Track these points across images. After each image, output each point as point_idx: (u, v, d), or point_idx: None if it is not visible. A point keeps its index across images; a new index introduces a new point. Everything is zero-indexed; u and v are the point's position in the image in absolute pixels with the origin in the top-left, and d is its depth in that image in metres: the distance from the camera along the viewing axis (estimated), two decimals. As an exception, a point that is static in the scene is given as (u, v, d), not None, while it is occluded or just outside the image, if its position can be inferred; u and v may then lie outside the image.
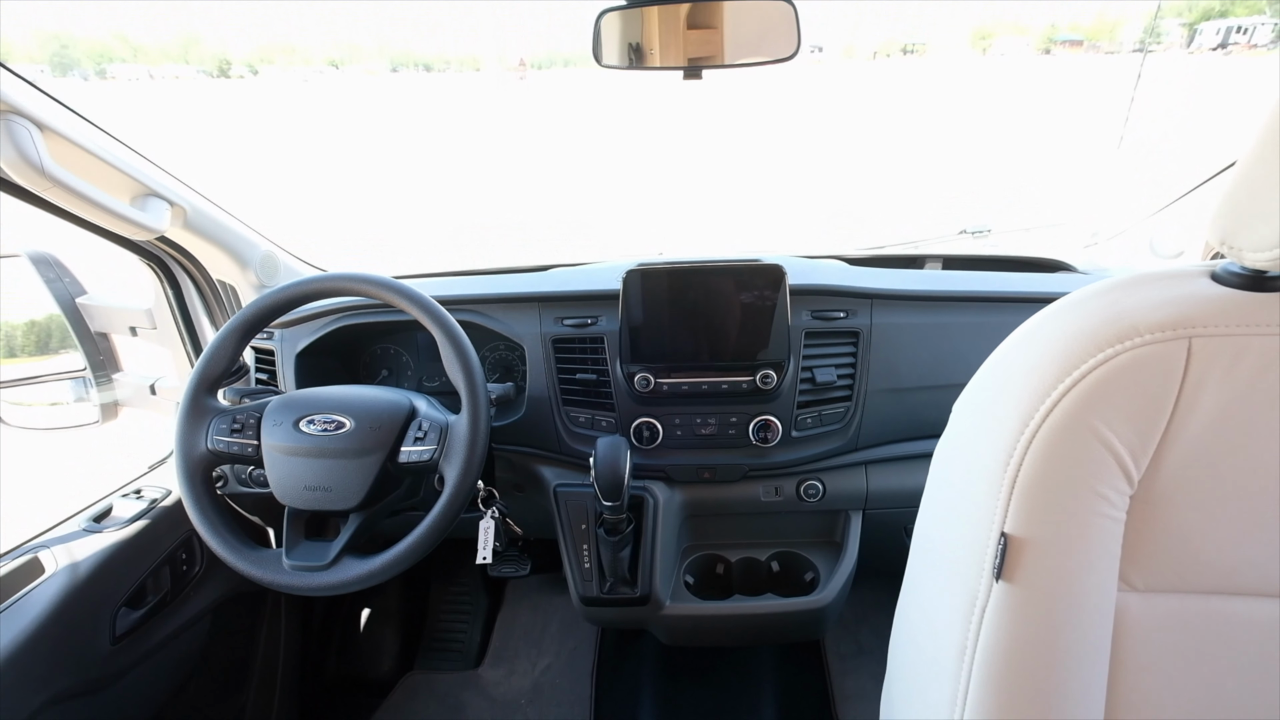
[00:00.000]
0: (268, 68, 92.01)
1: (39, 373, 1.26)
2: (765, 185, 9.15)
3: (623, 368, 1.02)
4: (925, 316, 1.04)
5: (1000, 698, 0.51)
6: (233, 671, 1.29)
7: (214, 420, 0.87)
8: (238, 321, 0.89)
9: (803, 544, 1.12)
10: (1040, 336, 0.51)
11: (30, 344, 1.28)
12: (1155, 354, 0.45)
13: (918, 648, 0.62)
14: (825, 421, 1.03)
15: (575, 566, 1.04)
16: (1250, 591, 0.51)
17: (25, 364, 1.25)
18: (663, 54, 0.85)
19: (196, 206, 1.11)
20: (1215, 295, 0.46)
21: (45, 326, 1.28)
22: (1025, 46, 73.84)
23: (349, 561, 0.82)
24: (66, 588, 0.94)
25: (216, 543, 0.84)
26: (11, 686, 0.84)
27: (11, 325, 1.27)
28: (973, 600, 0.52)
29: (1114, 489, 0.48)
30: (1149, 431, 0.46)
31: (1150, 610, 0.51)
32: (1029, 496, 0.48)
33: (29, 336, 1.29)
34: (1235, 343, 0.45)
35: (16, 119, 0.81)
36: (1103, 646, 0.51)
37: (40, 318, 1.28)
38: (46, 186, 0.85)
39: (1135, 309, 0.47)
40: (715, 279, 0.98)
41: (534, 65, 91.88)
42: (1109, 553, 0.50)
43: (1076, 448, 0.47)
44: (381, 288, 0.87)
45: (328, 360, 1.20)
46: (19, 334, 1.27)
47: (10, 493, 2.26)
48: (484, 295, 1.10)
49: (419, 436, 0.86)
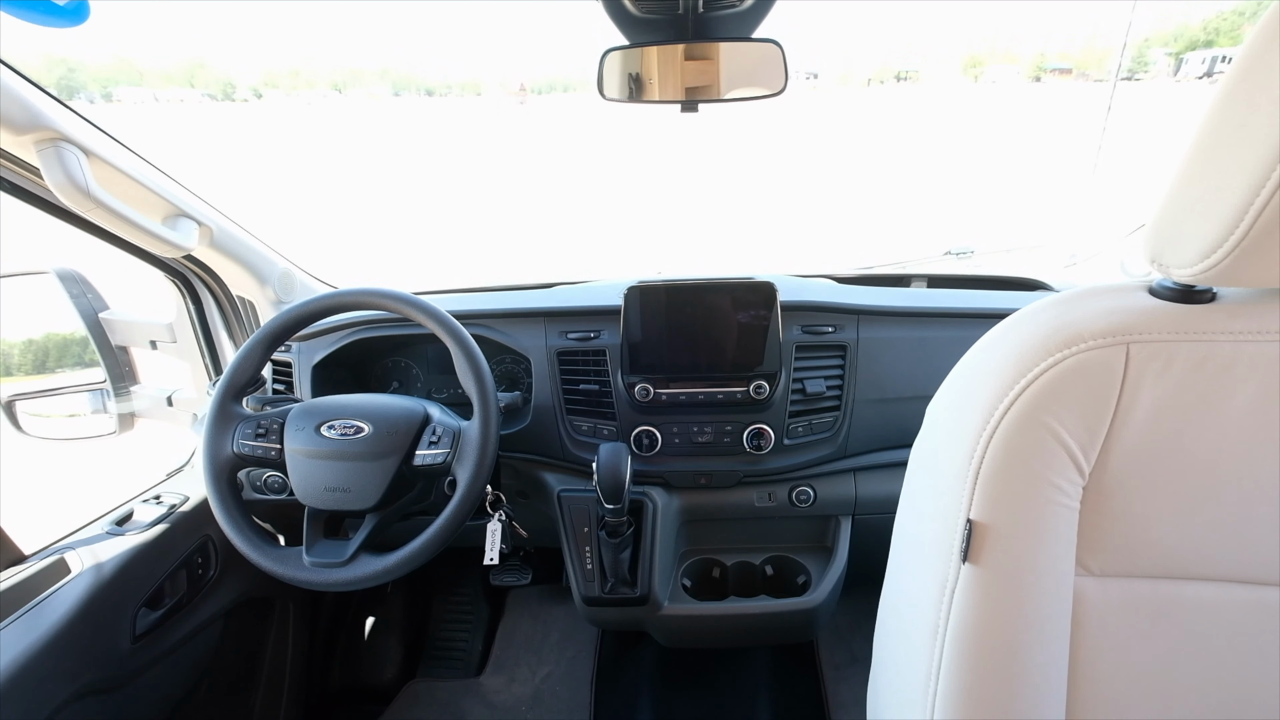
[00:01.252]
0: (272, 91, 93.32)
1: (59, 385, 1.31)
2: (761, 208, 9.31)
3: (623, 379, 1.08)
4: (909, 331, 1.10)
5: (970, 672, 0.56)
6: (241, 676, 1.33)
7: (239, 425, 0.93)
8: (265, 332, 0.95)
9: (795, 549, 1.17)
10: (1000, 344, 0.57)
11: (27, 363, 1.32)
12: (1098, 358, 0.51)
13: (898, 631, 0.67)
14: (815, 430, 1.09)
15: (578, 567, 1.09)
16: (1197, 576, 0.56)
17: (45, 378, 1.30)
18: (661, 89, 0.92)
19: (221, 226, 1.18)
20: (1150, 307, 0.52)
21: (43, 346, 1.33)
22: (1016, 74, 75.35)
23: (366, 558, 0.87)
24: (91, 587, 0.98)
25: (240, 541, 0.89)
26: (41, 680, 0.88)
27: (31, 342, 1.32)
28: (944, 582, 0.57)
29: (1066, 479, 0.53)
30: (1095, 426, 0.52)
31: (1106, 593, 0.56)
32: (991, 485, 0.54)
33: (25, 355, 1.33)
34: (1167, 348, 0.50)
35: (66, 145, 0.88)
36: (1063, 625, 0.56)
37: (38, 336, 1.33)
38: (90, 208, 0.91)
39: (1081, 319, 0.53)
40: (711, 295, 1.05)
41: (534, 90, 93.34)
42: (1065, 538, 0.55)
43: (1031, 441, 0.52)
44: (401, 302, 0.93)
45: (342, 372, 1.25)
46: (15, 352, 1.32)
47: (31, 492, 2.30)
48: (493, 310, 1.16)
49: (433, 440, 0.91)
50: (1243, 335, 0.49)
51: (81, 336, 1.31)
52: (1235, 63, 0.45)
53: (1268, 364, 0.49)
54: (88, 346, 1.32)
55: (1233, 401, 0.50)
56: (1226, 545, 0.54)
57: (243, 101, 75.33)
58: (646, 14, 0.88)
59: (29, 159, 0.89)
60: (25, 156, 0.88)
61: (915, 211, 8.44)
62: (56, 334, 1.34)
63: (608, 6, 0.87)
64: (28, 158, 0.88)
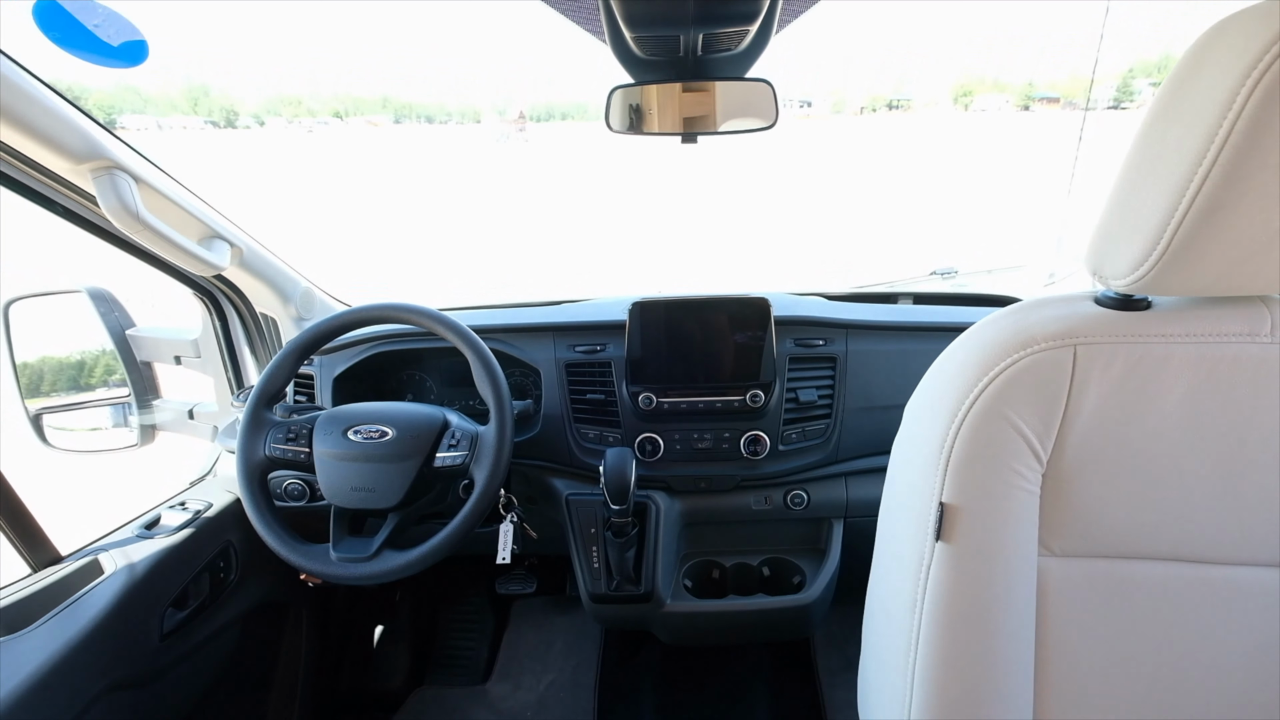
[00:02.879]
0: (274, 119, 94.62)
1: (84, 399, 1.37)
2: (758, 232, 9.51)
3: (628, 388, 1.15)
4: (894, 344, 1.18)
5: (945, 641, 0.62)
6: (257, 678, 1.37)
7: (271, 431, 0.99)
8: (297, 344, 1.02)
9: (791, 551, 1.23)
10: (965, 348, 0.65)
11: (63, 380, 1.38)
12: (1049, 358, 0.58)
13: (882, 609, 0.73)
14: (808, 436, 1.16)
15: (585, 567, 1.14)
16: (1147, 556, 0.62)
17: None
18: (662, 122, 1.01)
19: (250, 246, 1.26)
20: (1095, 313, 0.60)
21: (79, 362, 1.39)
22: (1005, 103, 76.98)
23: (389, 554, 0.93)
24: (123, 587, 1.04)
25: (271, 538, 0.95)
26: (78, 672, 0.93)
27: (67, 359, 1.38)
28: (920, 560, 0.64)
29: (1026, 465, 0.60)
30: (1050, 418, 0.59)
31: (1067, 572, 0.63)
32: (959, 472, 0.61)
33: (61, 372, 1.39)
34: (1109, 349, 0.58)
35: (119, 173, 0.96)
36: (1028, 598, 0.63)
37: (73, 353, 1.39)
38: (139, 230, 0.99)
39: (1034, 325, 0.60)
40: (709, 311, 1.13)
41: (533, 118, 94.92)
42: (1027, 520, 0.61)
43: (994, 432, 0.59)
44: (425, 317, 1.00)
45: (360, 385, 1.32)
46: (51, 369, 1.37)
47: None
48: (506, 325, 1.24)
49: (452, 444, 0.98)
50: (1174, 338, 0.57)
51: (109, 352, 1.37)
52: (1153, 102, 0.53)
53: (1196, 363, 0.56)
54: (115, 362, 1.38)
55: (1168, 396, 0.57)
56: (1170, 527, 0.61)
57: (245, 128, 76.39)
58: (650, 55, 0.97)
59: (85, 186, 0.96)
60: (81, 184, 0.96)
61: (905, 234, 8.65)
62: (89, 351, 1.40)
63: (615, 48, 0.96)
64: (83, 185, 0.96)
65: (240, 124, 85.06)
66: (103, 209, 0.96)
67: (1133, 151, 0.54)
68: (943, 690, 0.63)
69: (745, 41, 0.93)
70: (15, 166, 0.93)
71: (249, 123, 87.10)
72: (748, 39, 0.92)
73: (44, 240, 1.12)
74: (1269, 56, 0.42)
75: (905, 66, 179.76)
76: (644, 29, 0.86)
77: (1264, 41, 0.43)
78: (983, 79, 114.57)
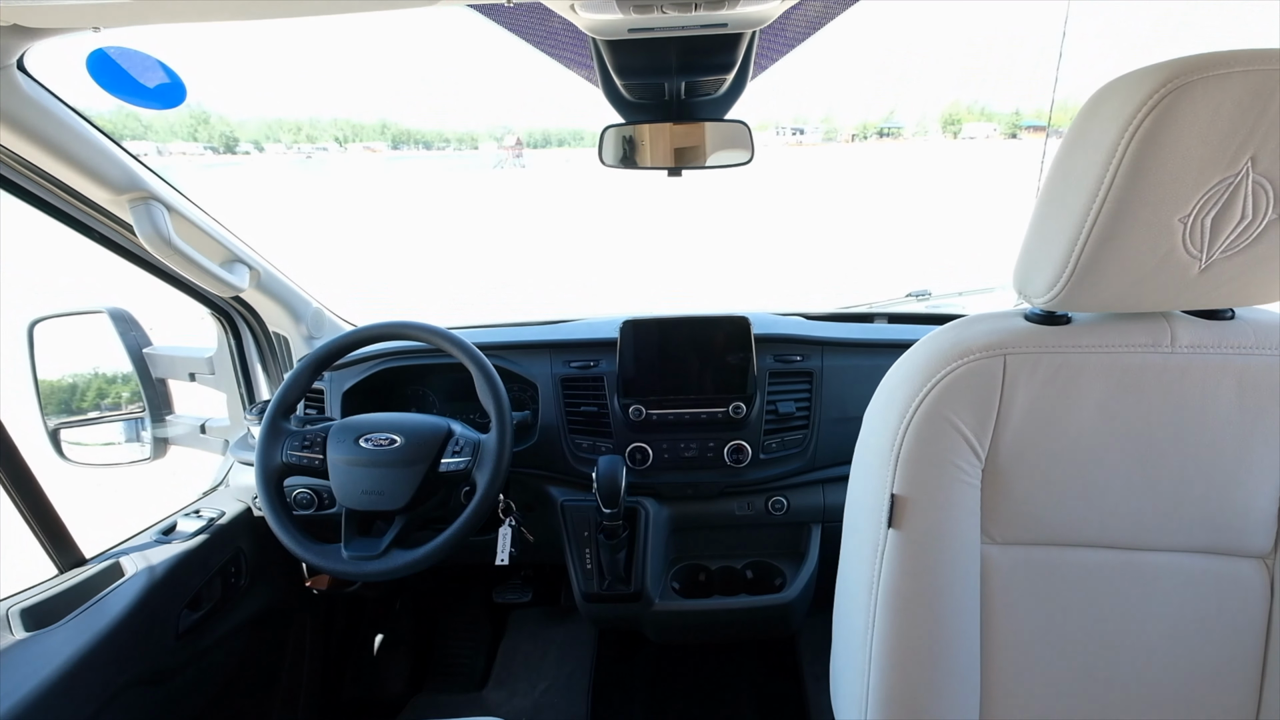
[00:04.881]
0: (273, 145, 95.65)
1: (100, 414, 1.44)
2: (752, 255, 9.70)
3: (619, 401, 1.24)
4: (865, 360, 1.27)
5: (897, 619, 0.70)
6: (263, 681, 1.42)
7: (288, 439, 1.07)
8: (312, 358, 1.10)
9: (773, 555, 1.30)
10: (913, 358, 0.74)
11: (90, 397, 1.45)
12: (983, 366, 0.67)
13: (845, 591, 0.80)
14: (787, 446, 1.24)
15: (579, 567, 1.22)
16: (1075, 543, 0.70)
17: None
18: (650, 158, 1.12)
19: (266, 269, 1.35)
20: (1022, 327, 0.69)
21: (100, 380, 1.46)
22: (993, 131, 78.67)
23: (396, 553, 1.00)
24: (143, 588, 1.10)
25: (287, 538, 1.02)
26: (102, 666, 0.99)
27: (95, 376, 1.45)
28: (876, 546, 0.72)
29: (966, 461, 0.68)
30: (985, 419, 0.67)
31: (1007, 559, 0.70)
32: (907, 466, 0.69)
33: (89, 389, 1.46)
34: (1033, 358, 0.66)
35: (153, 203, 1.05)
36: (973, 582, 0.70)
37: (96, 370, 1.46)
38: (170, 255, 1.08)
39: (970, 337, 0.69)
40: (695, 329, 1.22)
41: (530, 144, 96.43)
42: (970, 510, 0.69)
43: (937, 431, 0.68)
44: (433, 334, 1.09)
45: (367, 399, 1.40)
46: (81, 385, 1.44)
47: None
48: (506, 342, 1.33)
49: (456, 450, 1.05)
50: (1089, 348, 0.66)
51: (126, 371, 1.44)
52: (1059, 148, 0.63)
53: (1109, 370, 0.65)
54: (131, 379, 1.45)
55: (1086, 399, 0.66)
56: (1096, 517, 0.69)
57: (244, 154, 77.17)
58: (639, 99, 1.08)
59: (121, 214, 1.06)
60: (119, 213, 1.05)
61: (893, 258, 8.87)
62: (109, 369, 1.47)
63: (607, 93, 1.07)
64: (120, 213, 1.05)
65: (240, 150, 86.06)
66: (139, 236, 1.05)
67: (1045, 188, 0.64)
68: (897, 664, 0.70)
69: (723, 87, 1.04)
70: (59, 196, 1.02)
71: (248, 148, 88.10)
72: (725, 85, 1.03)
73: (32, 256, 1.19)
74: (1141, 113, 0.52)
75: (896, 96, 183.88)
76: (633, 77, 0.97)
77: (1138, 101, 0.53)
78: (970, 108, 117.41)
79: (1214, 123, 0.52)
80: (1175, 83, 0.51)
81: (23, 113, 0.85)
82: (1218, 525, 0.67)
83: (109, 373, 1.48)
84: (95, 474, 1.47)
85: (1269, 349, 0.64)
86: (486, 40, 47.86)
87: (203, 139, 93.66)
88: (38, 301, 1.39)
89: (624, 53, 0.90)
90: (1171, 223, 0.56)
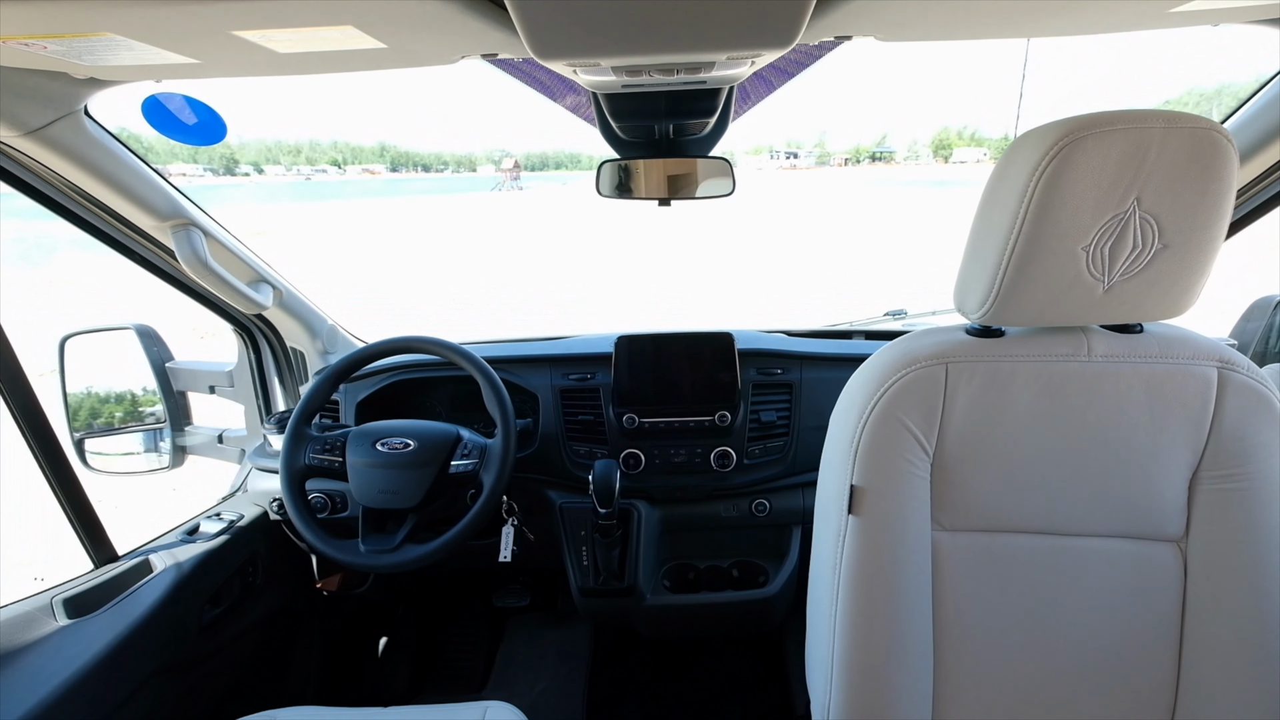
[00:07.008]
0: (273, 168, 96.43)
1: (122, 425, 1.53)
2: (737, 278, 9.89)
3: (614, 411, 1.34)
4: (841, 372, 1.38)
5: (857, 597, 0.78)
6: (273, 677, 1.49)
7: (310, 444, 1.17)
8: (333, 370, 1.20)
9: (757, 554, 1.40)
10: (869, 367, 0.84)
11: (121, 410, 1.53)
12: (927, 374, 0.77)
13: (814, 574, 0.89)
14: (769, 452, 1.35)
15: (575, 564, 1.31)
16: (1014, 529, 0.79)
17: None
18: (643, 189, 1.24)
19: (287, 288, 1.45)
20: (962, 340, 0.79)
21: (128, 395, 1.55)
22: (984, 155, 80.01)
23: (409, 547, 1.10)
24: (170, 583, 1.18)
25: (310, 534, 1.11)
26: (132, 655, 1.07)
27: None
28: (838, 531, 0.81)
29: (916, 456, 0.78)
30: (931, 419, 0.77)
31: (955, 544, 0.80)
32: (864, 460, 0.78)
33: (120, 404, 1.55)
34: (970, 366, 0.77)
35: (193, 228, 1.16)
36: (924, 565, 0.79)
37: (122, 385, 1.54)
38: (205, 275, 1.18)
39: (918, 348, 0.80)
40: (684, 344, 1.33)
41: (527, 167, 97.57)
42: (920, 500, 0.79)
43: (889, 429, 0.78)
44: (445, 348, 1.19)
45: (379, 409, 1.50)
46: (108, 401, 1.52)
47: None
48: (509, 356, 1.43)
49: (464, 454, 1.15)
50: (1019, 357, 0.76)
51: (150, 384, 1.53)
52: (985, 185, 0.74)
53: (1036, 376, 0.76)
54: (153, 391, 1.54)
55: (1018, 402, 0.76)
56: (1032, 506, 0.78)
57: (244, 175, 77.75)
58: (632, 138, 1.20)
59: (162, 239, 1.16)
60: (161, 238, 1.16)
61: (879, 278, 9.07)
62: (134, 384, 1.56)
63: (603, 132, 1.20)
64: (163, 239, 1.16)
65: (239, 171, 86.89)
66: (179, 259, 1.15)
67: (976, 219, 0.75)
68: (858, 635, 0.79)
69: (707, 128, 1.16)
70: (108, 223, 1.13)
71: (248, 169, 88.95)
72: (709, 126, 1.16)
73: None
74: (1045, 160, 0.64)
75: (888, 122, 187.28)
76: (626, 120, 1.09)
77: (1042, 150, 0.64)
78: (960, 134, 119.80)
79: (1103, 169, 0.63)
80: (1071, 137, 0.63)
81: (88, 152, 0.97)
82: (1136, 513, 0.76)
83: (132, 386, 1.57)
84: (116, 481, 1.55)
85: (1172, 359, 0.74)
86: (486, 69, 49.86)
87: (203, 161, 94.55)
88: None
89: (619, 101, 1.02)
90: (1076, 250, 0.67)
